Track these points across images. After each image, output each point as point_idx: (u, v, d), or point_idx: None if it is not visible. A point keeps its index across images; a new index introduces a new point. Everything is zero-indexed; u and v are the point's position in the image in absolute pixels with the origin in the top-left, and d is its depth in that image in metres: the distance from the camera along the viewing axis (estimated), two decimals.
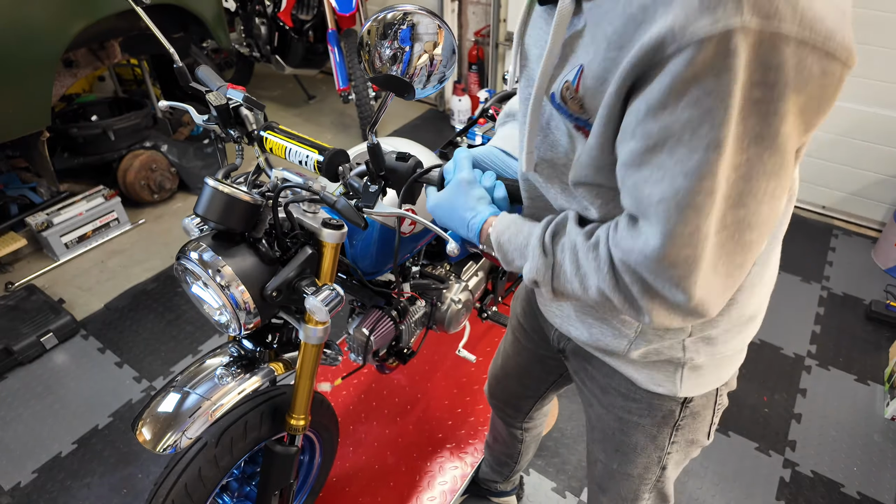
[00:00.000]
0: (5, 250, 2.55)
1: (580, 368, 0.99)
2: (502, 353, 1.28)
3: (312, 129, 3.94)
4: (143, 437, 1.04)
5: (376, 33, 0.72)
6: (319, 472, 1.50)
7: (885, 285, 2.54)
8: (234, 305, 0.96)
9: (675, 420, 0.89)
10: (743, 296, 0.77)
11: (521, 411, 1.33)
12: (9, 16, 2.12)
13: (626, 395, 0.91)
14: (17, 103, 2.27)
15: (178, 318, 2.42)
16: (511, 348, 1.23)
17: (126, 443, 1.93)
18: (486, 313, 1.91)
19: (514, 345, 1.21)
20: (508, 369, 1.26)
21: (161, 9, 2.75)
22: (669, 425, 0.90)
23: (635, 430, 0.93)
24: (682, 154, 0.51)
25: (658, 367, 0.83)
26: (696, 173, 0.51)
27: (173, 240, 2.89)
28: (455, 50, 0.74)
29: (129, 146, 2.97)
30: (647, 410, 0.89)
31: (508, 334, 1.24)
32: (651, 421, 0.90)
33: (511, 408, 1.34)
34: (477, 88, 3.92)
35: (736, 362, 0.87)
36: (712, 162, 0.50)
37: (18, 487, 1.80)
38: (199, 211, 0.93)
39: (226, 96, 1.02)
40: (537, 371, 1.19)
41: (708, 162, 0.51)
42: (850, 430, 1.95)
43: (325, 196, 0.93)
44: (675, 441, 0.92)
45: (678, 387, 0.84)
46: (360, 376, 2.02)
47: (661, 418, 0.89)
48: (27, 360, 2.22)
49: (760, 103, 0.49)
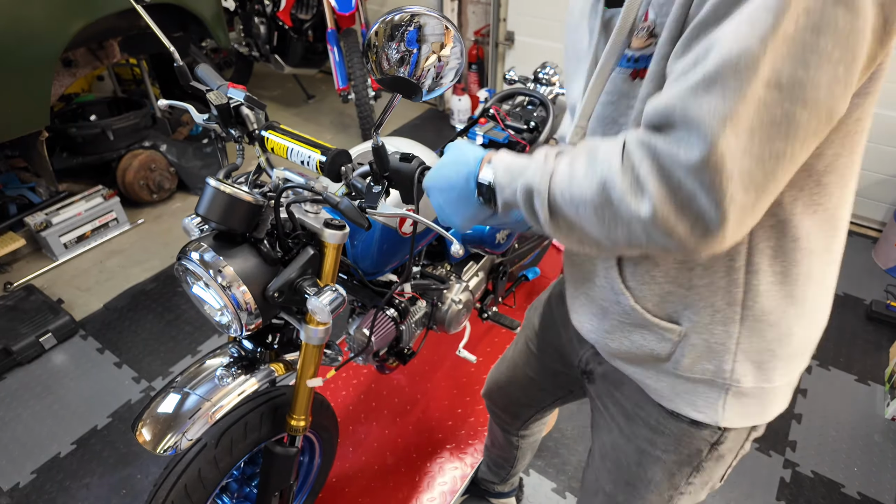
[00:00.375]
0: (4, 250, 2.55)
1: (606, 393, 0.94)
2: (509, 360, 1.24)
3: (312, 129, 3.94)
4: (143, 437, 1.03)
5: (383, 35, 0.71)
6: (319, 473, 1.49)
7: (886, 285, 2.54)
8: (236, 306, 0.96)
9: (699, 460, 0.84)
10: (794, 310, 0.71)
11: (519, 419, 1.31)
12: (8, 15, 2.12)
13: (653, 428, 0.85)
14: (16, 103, 2.26)
15: (178, 319, 2.42)
16: (521, 358, 1.19)
17: (125, 443, 1.92)
18: (487, 314, 1.90)
19: (525, 355, 1.17)
20: (514, 378, 1.22)
21: (160, 8, 2.74)
22: (692, 465, 0.85)
23: (654, 464, 0.88)
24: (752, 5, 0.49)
25: (701, 388, 0.77)
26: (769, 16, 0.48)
27: (173, 240, 2.89)
28: (463, 51, 0.74)
29: (128, 146, 2.97)
30: (674, 446, 0.84)
31: (520, 343, 1.20)
32: (674, 458, 0.85)
33: (509, 415, 1.32)
34: (477, 88, 3.92)
35: (782, 397, 0.80)
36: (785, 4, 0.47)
37: (17, 488, 1.80)
38: (201, 211, 0.93)
39: (226, 95, 1.01)
40: (547, 384, 1.16)
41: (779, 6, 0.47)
42: (850, 430, 1.95)
43: (328, 196, 0.93)
44: (692, 482, 0.88)
45: (720, 414, 0.77)
46: (360, 377, 2.01)
47: (686, 456, 0.84)
48: (26, 360, 2.21)
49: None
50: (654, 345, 0.77)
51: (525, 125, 1.77)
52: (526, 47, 3.60)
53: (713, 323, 0.72)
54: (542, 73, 1.93)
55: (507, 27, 3.61)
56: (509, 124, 1.78)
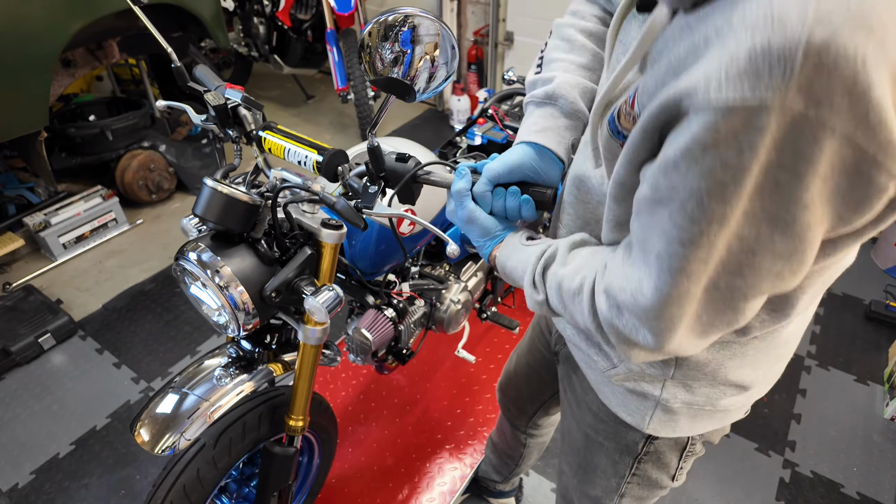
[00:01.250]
0: (3, 251, 2.54)
1: (565, 376, 0.99)
2: (517, 351, 1.28)
3: (311, 129, 3.93)
4: (141, 438, 1.03)
5: (377, 36, 0.71)
6: (318, 473, 1.49)
7: (885, 285, 2.54)
8: (233, 306, 0.96)
9: (637, 453, 0.87)
10: (733, 362, 0.72)
11: (526, 414, 1.32)
12: (7, 15, 2.11)
13: (595, 414, 0.90)
14: (15, 103, 2.26)
15: (177, 319, 2.42)
16: (524, 347, 1.23)
17: (124, 444, 1.92)
18: (486, 314, 1.90)
19: (528, 344, 1.21)
20: (519, 368, 1.26)
21: (159, 8, 2.74)
22: (631, 455, 0.88)
23: (599, 450, 0.92)
24: (682, 221, 0.48)
25: (633, 395, 0.81)
26: (694, 243, 0.48)
27: (172, 240, 2.89)
28: (456, 52, 0.74)
29: (127, 146, 2.96)
30: (613, 434, 0.88)
31: (527, 334, 1.24)
32: (614, 446, 0.89)
33: (517, 409, 1.33)
34: (476, 88, 3.92)
35: (718, 420, 0.82)
36: (713, 234, 0.47)
37: (16, 489, 1.80)
38: (198, 211, 0.93)
39: (224, 96, 1.01)
40: (543, 374, 1.19)
41: (708, 234, 0.47)
42: (849, 430, 1.95)
43: (324, 196, 0.93)
44: (636, 474, 0.90)
45: (645, 422, 0.81)
46: (359, 377, 2.01)
47: (625, 446, 0.88)
48: (25, 360, 2.21)
49: (781, 187, 0.44)
50: (596, 356, 0.82)
51: None
52: (525, 47, 3.60)
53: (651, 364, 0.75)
54: None
55: (506, 27, 3.60)
56: (508, 124, 1.78)
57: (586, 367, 0.88)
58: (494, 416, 1.87)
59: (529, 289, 0.71)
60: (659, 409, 0.79)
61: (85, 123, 2.86)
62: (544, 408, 1.28)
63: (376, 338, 1.36)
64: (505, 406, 1.38)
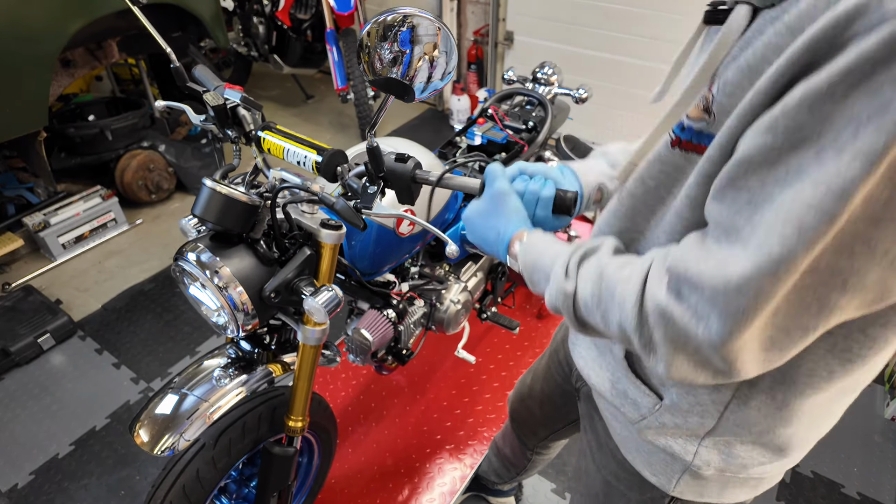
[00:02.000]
0: (2, 251, 2.54)
1: (587, 415, 0.94)
2: (533, 372, 1.23)
3: (311, 129, 3.93)
4: (140, 439, 1.03)
5: (376, 36, 0.71)
6: (318, 474, 1.49)
7: None
8: (232, 307, 0.95)
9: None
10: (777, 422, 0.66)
11: (537, 436, 1.28)
12: (6, 15, 2.11)
13: (620, 462, 0.83)
14: (15, 103, 2.26)
15: (176, 319, 2.41)
16: (542, 371, 1.17)
17: (124, 444, 1.92)
18: (486, 314, 1.90)
19: (546, 370, 1.15)
20: (534, 391, 1.20)
21: (159, 8, 2.74)
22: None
23: (619, 499, 0.86)
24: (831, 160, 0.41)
25: (661, 454, 0.74)
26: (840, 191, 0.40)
27: (171, 240, 2.89)
28: (455, 52, 0.74)
29: (127, 146, 2.96)
30: (637, 487, 0.82)
31: (545, 356, 1.19)
32: (637, 497, 0.83)
33: (528, 429, 1.29)
34: (476, 88, 3.92)
35: (749, 489, 0.75)
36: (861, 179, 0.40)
37: (16, 489, 1.80)
38: (197, 212, 0.93)
39: (223, 96, 1.01)
40: (559, 403, 1.14)
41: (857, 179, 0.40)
42: (850, 430, 1.95)
43: (323, 197, 0.93)
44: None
45: (671, 484, 0.75)
46: (359, 377, 2.01)
47: (649, 499, 0.82)
48: (24, 361, 2.21)
49: None
50: (627, 407, 0.75)
51: (524, 125, 1.77)
52: (525, 47, 3.59)
53: (691, 412, 0.69)
54: (541, 73, 1.93)
55: (506, 27, 3.60)
56: (508, 124, 1.78)
57: (612, 418, 0.82)
58: (494, 417, 1.87)
59: (560, 277, 0.64)
60: (688, 474, 0.73)
61: (84, 123, 2.86)
62: (556, 434, 1.23)
63: (376, 338, 1.36)
64: (515, 422, 1.33)
